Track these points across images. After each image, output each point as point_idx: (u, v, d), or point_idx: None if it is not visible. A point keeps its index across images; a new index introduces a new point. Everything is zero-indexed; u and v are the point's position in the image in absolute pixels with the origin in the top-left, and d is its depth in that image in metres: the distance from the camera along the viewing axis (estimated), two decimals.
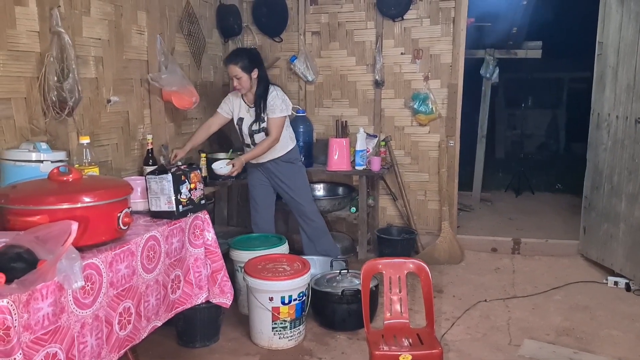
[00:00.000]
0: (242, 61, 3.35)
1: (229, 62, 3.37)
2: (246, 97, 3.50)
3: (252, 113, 3.49)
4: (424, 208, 4.59)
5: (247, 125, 3.52)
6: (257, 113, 3.45)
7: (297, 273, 2.93)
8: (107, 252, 1.85)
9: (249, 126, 3.51)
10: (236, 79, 3.36)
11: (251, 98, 3.47)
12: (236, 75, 3.35)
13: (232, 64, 3.34)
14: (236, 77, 3.36)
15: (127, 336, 1.97)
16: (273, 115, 3.42)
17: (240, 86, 3.38)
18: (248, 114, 3.50)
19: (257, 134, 3.50)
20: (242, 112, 3.53)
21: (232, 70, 3.35)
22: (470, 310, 3.41)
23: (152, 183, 2.30)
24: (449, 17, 4.27)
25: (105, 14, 3.04)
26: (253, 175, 3.73)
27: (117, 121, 3.20)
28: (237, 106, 3.55)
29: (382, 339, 2.43)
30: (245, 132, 3.54)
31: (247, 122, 3.51)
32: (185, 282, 2.41)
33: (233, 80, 3.39)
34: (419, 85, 4.41)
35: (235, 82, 3.38)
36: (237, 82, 3.37)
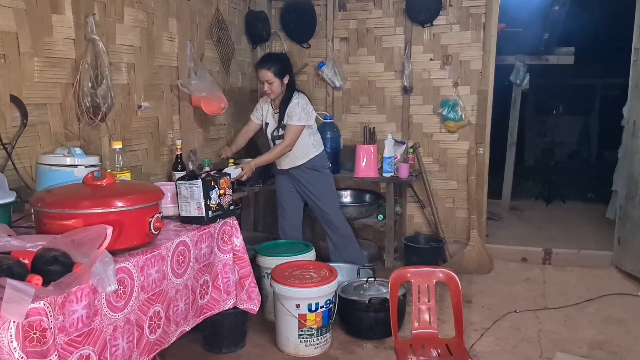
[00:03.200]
0: (275, 66, 3.35)
1: (262, 67, 3.37)
2: (274, 102, 3.52)
3: (276, 118, 3.50)
4: (452, 216, 4.53)
5: (270, 130, 3.55)
6: (280, 119, 3.46)
7: (324, 280, 2.92)
8: (138, 257, 1.87)
9: (272, 131, 3.54)
10: (267, 84, 3.36)
11: (278, 103, 3.49)
12: (268, 80, 3.35)
13: (265, 68, 3.35)
14: (268, 82, 3.36)
15: (157, 340, 1.99)
16: (290, 122, 3.41)
17: (271, 91, 3.38)
18: (273, 119, 3.53)
19: (277, 140, 3.51)
20: (268, 117, 3.56)
21: (264, 75, 3.35)
22: (499, 321, 3.34)
23: (182, 188, 2.32)
24: (479, 22, 4.23)
25: (138, 21, 3.09)
26: (280, 181, 3.72)
27: (147, 126, 3.25)
28: (265, 111, 3.58)
29: (410, 348, 2.40)
30: (269, 137, 3.58)
31: (272, 127, 3.54)
32: (214, 287, 2.42)
33: (264, 84, 3.39)
34: (448, 91, 4.37)
35: (266, 87, 3.38)
36: (268, 87, 3.37)
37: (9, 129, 2.33)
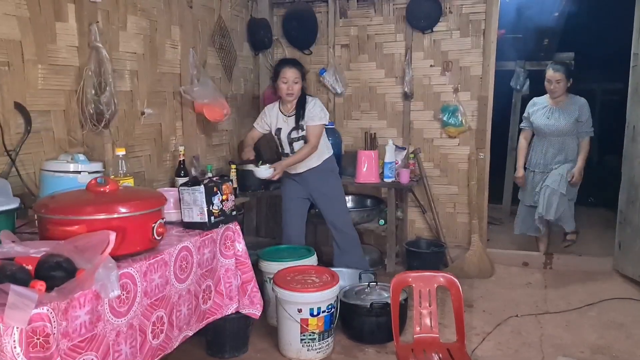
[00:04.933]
0: (301, 69, 3.45)
1: (292, 66, 3.40)
2: (284, 106, 3.51)
3: (289, 122, 3.49)
4: (453, 221, 4.55)
5: (286, 134, 3.51)
6: (297, 121, 3.46)
7: (326, 285, 2.93)
8: (141, 262, 1.89)
9: (288, 134, 3.50)
10: (293, 83, 3.37)
11: (290, 107, 3.49)
12: (295, 79, 3.38)
13: (295, 68, 3.39)
14: (294, 82, 3.37)
15: (160, 345, 2.00)
16: (312, 122, 3.43)
17: (293, 91, 3.39)
18: (285, 123, 3.50)
19: (296, 142, 3.51)
20: (279, 122, 3.52)
21: (293, 73, 3.37)
22: (501, 326, 3.35)
23: (185, 194, 2.34)
24: (479, 29, 4.26)
25: (141, 28, 3.12)
26: (288, 186, 3.70)
27: (151, 133, 3.27)
28: (274, 118, 3.54)
29: (411, 353, 2.41)
30: (285, 141, 3.53)
31: (286, 131, 3.50)
32: (216, 292, 2.43)
33: (287, 83, 3.37)
34: (448, 97, 4.39)
35: (290, 87, 3.37)
36: (292, 86, 3.37)
37: (13, 135, 2.35)
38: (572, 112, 4.07)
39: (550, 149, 4.15)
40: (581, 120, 4.07)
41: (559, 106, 4.11)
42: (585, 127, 4.10)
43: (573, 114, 4.06)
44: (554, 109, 4.13)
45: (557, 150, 4.14)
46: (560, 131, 4.10)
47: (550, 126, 4.11)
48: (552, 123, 4.11)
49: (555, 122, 4.09)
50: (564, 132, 4.09)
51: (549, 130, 4.12)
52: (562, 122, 4.08)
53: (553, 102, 4.15)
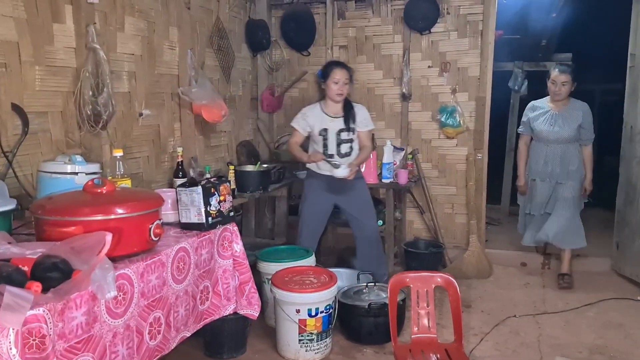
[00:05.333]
0: (351, 71, 3.53)
1: (344, 67, 3.46)
2: (328, 107, 3.51)
3: (336, 123, 3.48)
4: (451, 221, 4.55)
5: (334, 135, 3.48)
6: (347, 123, 3.48)
7: (324, 285, 2.93)
8: (138, 263, 1.89)
9: (337, 135, 3.48)
10: (343, 84, 3.41)
11: (336, 109, 3.49)
12: (345, 80, 3.42)
13: (346, 69, 3.45)
14: (344, 83, 3.42)
15: (157, 346, 2.00)
16: (367, 128, 3.56)
17: (343, 92, 3.43)
18: (332, 124, 3.48)
19: (344, 144, 3.50)
20: (324, 123, 3.48)
21: (344, 75, 3.42)
22: (499, 326, 3.35)
23: (183, 195, 2.34)
24: (477, 30, 4.26)
25: (139, 30, 3.12)
26: (318, 189, 3.59)
27: (149, 134, 3.28)
28: (317, 119, 3.50)
29: (409, 353, 2.41)
30: (333, 142, 3.49)
31: (334, 132, 3.48)
32: (214, 293, 2.43)
33: (338, 84, 3.40)
34: (446, 98, 4.40)
35: (341, 88, 3.41)
36: (342, 87, 3.42)
37: (10, 137, 2.35)
38: (575, 119, 3.88)
39: (552, 157, 3.97)
40: (584, 127, 3.91)
41: (561, 111, 3.92)
42: (588, 134, 3.93)
43: (577, 120, 3.88)
44: (556, 114, 3.93)
45: (559, 158, 3.95)
46: (564, 139, 3.91)
47: (553, 133, 3.92)
48: (556, 130, 3.91)
49: (559, 130, 3.90)
50: (567, 139, 3.92)
51: (553, 138, 3.94)
52: (566, 129, 3.89)
53: (554, 107, 3.95)
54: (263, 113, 4.73)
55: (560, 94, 3.88)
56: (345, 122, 3.48)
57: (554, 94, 3.92)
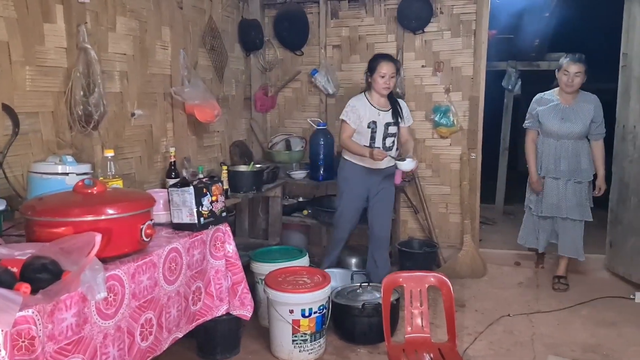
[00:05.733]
0: (397, 64, 3.54)
1: (390, 60, 3.43)
2: (373, 99, 3.50)
3: (384, 116, 3.48)
4: (445, 221, 4.55)
5: (382, 128, 3.48)
6: (395, 117, 3.50)
7: (318, 286, 2.93)
8: (129, 264, 1.88)
9: (385, 128, 3.48)
10: (390, 78, 3.40)
11: (382, 101, 3.50)
12: (392, 74, 3.40)
13: (393, 62, 3.43)
14: (391, 76, 3.40)
15: (149, 347, 1.99)
16: (409, 123, 3.62)
17: (390, 85, 3.42)
18: (380, 117, 3.48)
19: (389, 137, 3.51)
20: (372, 115, 3.47)
21: (391, 68, 3.39)
22: (493, 325, 3.35)
23: (175, 195, 2.33)
24: (470, 29, 4.26)
25: (130, 29, 3.11)
26: (356, 183, 3.57)
27: (141, 134, 3.26)
28: (366, 111, 3.47)
29: (403, 353, 2.41)
30: (380, 135, 3.48)
31: (382, 124, 3.47)
32: (206, 293, 2.42)
33: (384, 77, 3.39)
34: (440, 97, 4.40)
35: (387, 81, 3.40)
36: (389, 81, 3.40)
37: (0, 137, 2.33)
38: (587, 113, 3.69)
39: (564, 153, 3.75)
40: (596, 121, 3.72)
41: (571, 105, 3.72)
42: (600, 128, 3.75)
43: (588, 114, 3.69)
44: (566, 108, 3.71)
45: (571, 155, 3.74)
46: (576, 134, 3.71)
47: (565, 129, 3.70)
48: (567, 126, 3.70)
49: (571, 125, 3.69)
50: (579, 135, 3.72)
51: (564, 133, 3.71)
52: (579, 124, 3.68)
53: (564, 100, 3.74)
54: (256, 113, 4.72)
55: (573, 85, 3.67)
56: (394, 115, 3.49)
57: (566, 86, 3.69)
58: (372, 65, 3.45)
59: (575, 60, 3.67)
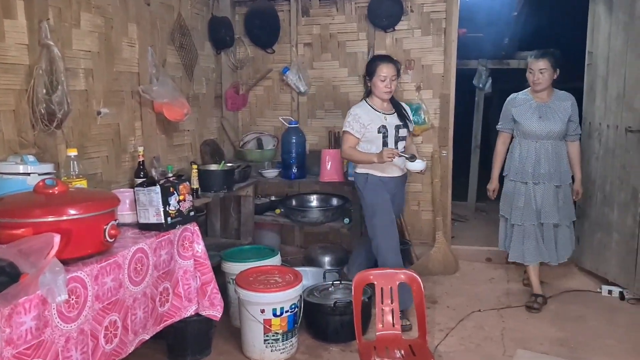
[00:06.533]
0: (398, 65, 3.35)
1: (390, 62, 3.27)
2: (376, 104, 3.32)
3: (391, 120, 3.31)
4: (417, 218, 4.58)
5: (393, 132, 3.30)
6: (402, 119, 3.35)
7: (289, 284, 2.91)
8: (92, 265, 1.84)
9: (396, 131, 3.31)
10: (391, 81, 3.23)
11: (385, 105, 3.34)
12: (393, 76, 3.24)
13: (393, 64, 3.27)
14: (392, 79, 3.24)
15: (114, 350, 1.95)
16: (413, 126, 3.51)
17: (392, 88, 3.25)
18: (389, 120, 3.31)
19: (401, 141, 3.35)
20: (379, 120, 3.28)
21: (392, 70, 3.23)
22: (464, 321, 3.39)
23: (141, 195, 2.29)
24: (440, 28, 4.29)
25: (96, 26, 3.04)
26: (384, 195, 3.33)
27: (108, 133, 3.19)
28: (372, 116, 3.27)
29: (374, 350, 2.42)
30: (392, 139, 3.29)
31: (392, 127, 3.30)
32: (174, 294, 2.39)
33: (385, 81, 3.22)
34: (411, 95, 4.42)
35: (388, 84, 3.23)
36: (390, 84, 3.23)
37: None
38: (565, 110, 3.50)
39: (545, 155, 3.52)
40: (573, 120, 3.55)
41: (547, 103, 3.53)
42: (577, 128, 3.61)
43: (566, 112, 3.50)
44: (543, 106, 3.52)
45: (552, 157, 3.52)
46: (556, 133, 3.50)
47: (544, 128, 3.48)
48: (546, 125, 3.48)
49: (550, 124, 3.47)
50: (559, 134, 3.51)
51: (544, 133, 3.49)
52: (558, 122, 3.47)
53: (539, 98, 3.55)
54: (228, 111, 4.67)
55: (540, 83, 3.47)
56: (400, 118, 3.34)
57: (534, 84, 3.51)
58: (371, 68, 3.29)
59: (538, 56, 3.48)
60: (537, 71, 3.47)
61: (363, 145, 3.30)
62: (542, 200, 3.54)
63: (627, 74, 3.59)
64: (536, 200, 3.56)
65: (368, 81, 3.33)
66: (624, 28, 3.60)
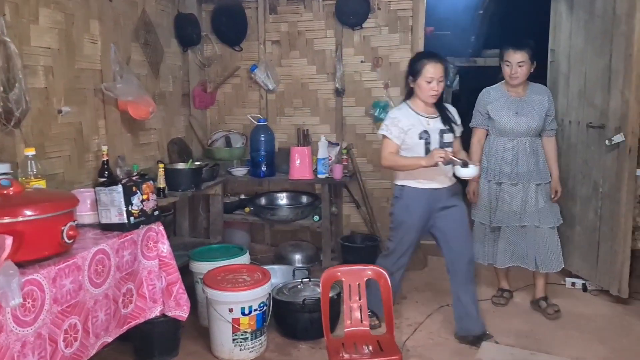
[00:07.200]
0: (446, 63, 3.05)
1: (439, 61, 2.87)
2: (418, 106, 2.95)
3: (434, 124, 2.93)
4: (387, 215, 4.55)
5: (437, 138, 2.91)
6: (446, 123, 2.96)
7: (258, 283, 2.90)
8: (50, 267, 1.79)
9: (441, 137, 2.93)
10: (438, 82, 2.85)
11: (428, 108, 2.95)
12: (440, 77, 2.85)
13: (442, 63, 2.87)
14: (439, 80, 2.85)
15: (74, 354, 1.90)
16: (461, 131, 3.09)
17: (438, 91, 2.87)
18: (432, 125, 2.93)
19: (446, 148, 2.91)
20: (421, 124, 2.92)
21: (439, 71, 2.84)
22: (432, 315, 3.42)
23: (102, 195, 2.24)
24: (407, 25, 4.32)
25: (55, 22, 2.97)
26: (423, 212, 3.00)
27: (69, 132, 3.12)
28: (412, 120, 2.92)
29: (342, 347, 2.42)
30: (436, 145, 2.90)
31: (436, 132, 2.92)
32: (138, 295, 2.35)
33: (431, 83, 2.84)
34: (379, 93, 4.44)
35: (435, 87, 2.85)
36: (437, 86, 2.85)
37: None
38: (542, 105, 3.32)
39: (522, 153, 3.33)
40: (550, 114, 3.37)
41: (523, 97, 3.34)
42: (553, 123, 3.42)
43: (543, 106, 3.32)
44: (519, 100, 3.32)
45: (530, 155, 3.33)
46: (533, 129, 3.32)
47: (521, 124, 3.28)
48: (524, 121, 3.29)
49: (527, 120, 3.28)
50: (536, 130, 3.33)
51: (521, 130, 3.29)
52: (536, 118, 3.29)
53: (514, 93, 3.34)
54: (195, 110, 4.62)
55: (518, 77, 3.25)
56: (444, 121, 2.95)
57: (510, 78, 3.27)
58: (415, 67, 2.90)
59: (516, 47, 3.23)
60: (516, 64, 3.22)
61: (401, 153, 2.97)
62: (521, 202, 3.35)
63: (588, 71, 3.67)
64: (514, 201, 3.37)
65: (411, 81, 2.95)
66: (584, 26, 3.69)
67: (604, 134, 3.49)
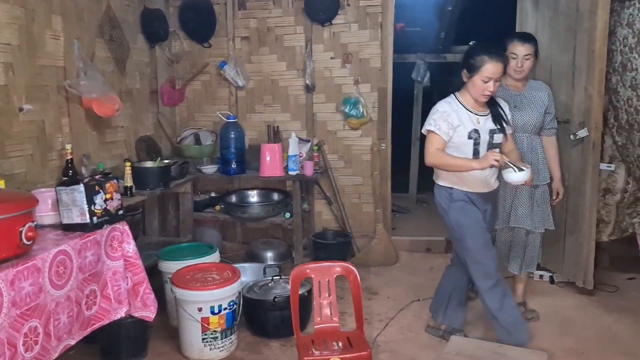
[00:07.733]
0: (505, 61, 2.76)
1: (501, 60, 2.63)
2: (468, 102, 2.72)
3: (487, 121, 2.73)
4: (358, 211, 4.62)
5: (487, 137, 2.71)
6: (498, 122, 2.75)
7: (227, 281, 2.87)
8: (7, 270, 1.74)
9: (491, 137, 2.72)
10: (495, 83, 2.62)
11: (479, 105, 2.73)
12: (498, 77, 2.63)
13: (502, 62, 2.64)
14: (496, 80, 2.62)
15: (35, 357, 1.86)
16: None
17: (493, 92, 2.66)
18: (482, 123, 2.72)
19: (495, 149, 2.75)
20: (472, 122, 2.70)
21: (499, 70, 2.61)
22: (404, 311, 3.45)
23: (63, 194, 2.19)
24: (377, 22, 4.33)
25: (14, 18, 2.88)
26: (475, 209, 2.80)
27: (32, 131, 3.04)
28: (463, 117, 2.69)
29: (312, 344, 2.42)
30: (485, 147, 2.71)
31: (486, 132, 2.71)
32: (103, 297, 2.30)
33: (487, 83, 2.61)
34: (349, 89, 4.44)
35: (491, 87, 2.62)
36: (493, 86, 2.63)
37: None
38: (541, 101, 3.16)
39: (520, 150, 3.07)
40: (550, 112, 3.21)
41: (523, 92, 3.17)
42: (553, 122, 3.26)
43: (542, 102, 3.16)
44: (518, 95, 3.15)
45: (527, 153, 3.15)
46: (531, 126, 3.14)
47: (520, 119, 3.10)
48: (522, 115, 3.10)
49: (526, 114, 3.11)
50: (535, 127, 3.16)
51: (519, 125, 3.10)
52: (534, 113, 3.12)
53: (513, 87, 3.16)
54: (164, 107, 4.55)
55: (523, 70, 3.07)
56: (495, 120, 2.75)
57: (515, 72, 3.08)
58: (474, 62, 2.62)
59: (524, 40, 3.07)
60: (522, 57, 3.03)
61: (451, 151, 2.73)
62: (514, 202, 3.20)
63: (553, 67, 3.73)
64: (507, 201, 3.22)
65: (466, 75, 2.69)
66: (549, 23, 3.75)
67: (568, 128, 3.55)
